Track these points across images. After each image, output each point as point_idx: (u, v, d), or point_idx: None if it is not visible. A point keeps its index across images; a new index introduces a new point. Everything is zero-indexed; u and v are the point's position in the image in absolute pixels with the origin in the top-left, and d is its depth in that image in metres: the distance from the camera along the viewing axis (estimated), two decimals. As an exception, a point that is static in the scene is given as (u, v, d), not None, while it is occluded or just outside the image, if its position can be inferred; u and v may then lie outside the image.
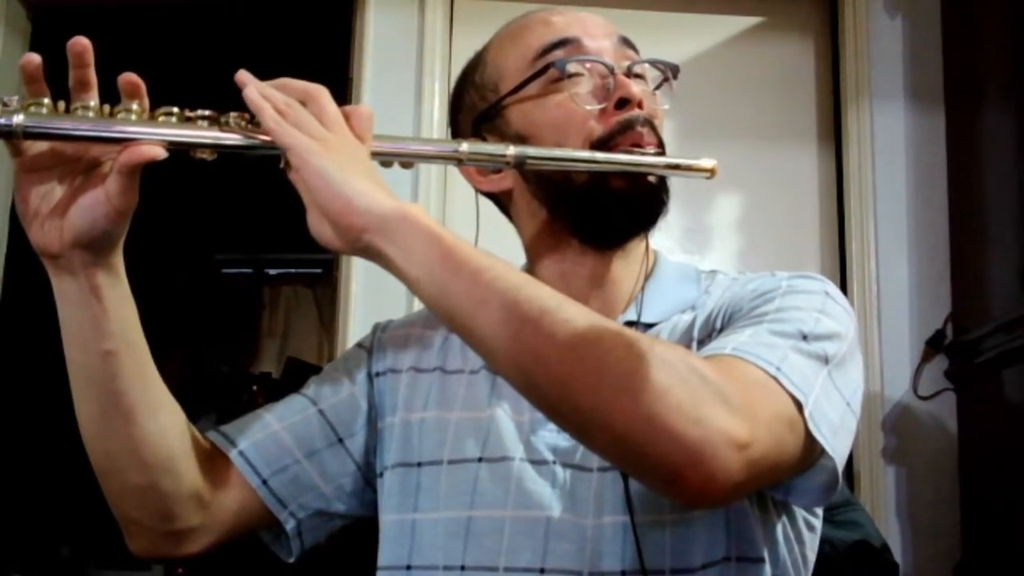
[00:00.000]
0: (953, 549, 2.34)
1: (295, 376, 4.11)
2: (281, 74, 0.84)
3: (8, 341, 3.22)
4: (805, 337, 0.80)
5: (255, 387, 4.25)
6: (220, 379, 4.19)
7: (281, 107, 0.80)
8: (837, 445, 0.78)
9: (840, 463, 0.78)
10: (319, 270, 4.75)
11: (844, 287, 2.51)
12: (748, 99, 2.55)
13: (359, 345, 1.05)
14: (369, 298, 2.39)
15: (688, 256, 2.40)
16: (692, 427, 0.67)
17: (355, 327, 2.37)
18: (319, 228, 0.78)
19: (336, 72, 2.75)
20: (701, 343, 0.90)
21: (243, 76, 0.82)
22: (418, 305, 0.89)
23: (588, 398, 0.69)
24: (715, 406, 0.69)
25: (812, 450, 0.77)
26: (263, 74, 0.83)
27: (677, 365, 0.70)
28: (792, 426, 0.75)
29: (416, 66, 2.49)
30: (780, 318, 0.82)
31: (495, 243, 0.89)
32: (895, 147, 2.52)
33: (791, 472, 0.79)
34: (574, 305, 0.74)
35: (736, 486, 0.70)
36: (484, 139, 0.96)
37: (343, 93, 2.59)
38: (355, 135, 0.82)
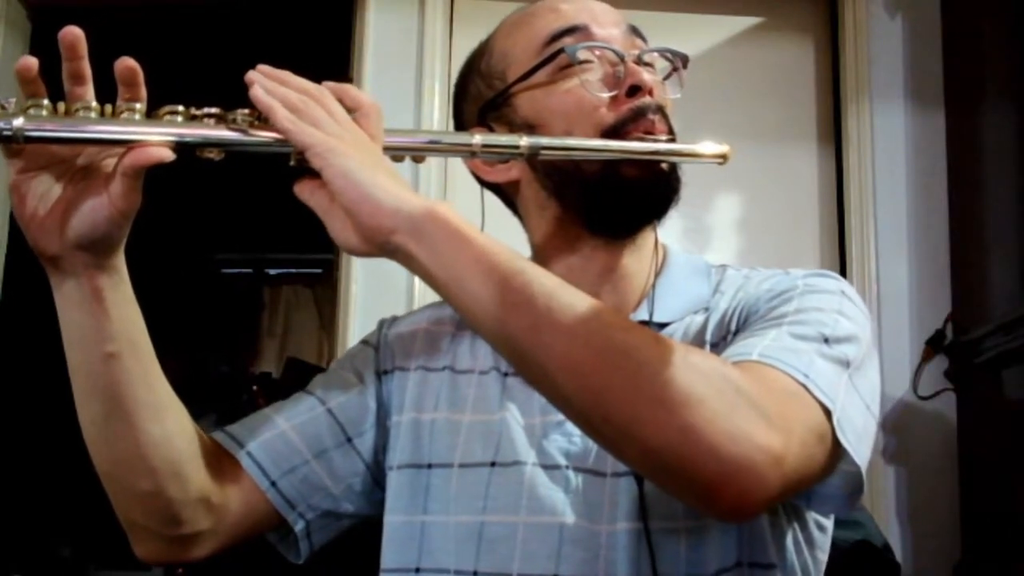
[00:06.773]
0: (953, 549, 2.34)
1: (295, 376, 4.11)
2: (282, 75, 0.81)
3: (8, 341, 3.22)
4: (827, 340, 0.78)
5: (255, 387, 4.26)
6: (220, 379, 4.19)
7: (294, 103, 0.76)
8: (861, 451, 0.76)
9: (864, 469, 0.77)
10: (319, 270, 4.76)
11: (844, 287, 2.51)
12: (748, 99, 2.55)
13: (365, 342, 1.03)
14: (369, 298, 2.39)
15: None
16: (729, 442, 0.65)
17: (355, 327, 2.37)
18: (343, 234, 0.74)
19: (336, 72, 2.75)
20: (714, 346, 0.88)
21: (251, 75, 0.78)
22: (420, 303, 0.88)
23: (622, 409, 0.67)
24: (751, 419, 0.67)
25: (837, 457, 0.76)
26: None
27: (712, 375, 0.68)
28: (822, 436, 0.73)
29: (416, 66, 2.49)
30: (801, 319, 0.80)
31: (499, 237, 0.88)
32: (895, 147, 2.52)
33: (817, 481, 0.77)
34: (610, 312, 0.71)
35: (769, 500, 0.68)
36: (491, 129, 0.94)
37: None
38: (367, 134, 0.79)
